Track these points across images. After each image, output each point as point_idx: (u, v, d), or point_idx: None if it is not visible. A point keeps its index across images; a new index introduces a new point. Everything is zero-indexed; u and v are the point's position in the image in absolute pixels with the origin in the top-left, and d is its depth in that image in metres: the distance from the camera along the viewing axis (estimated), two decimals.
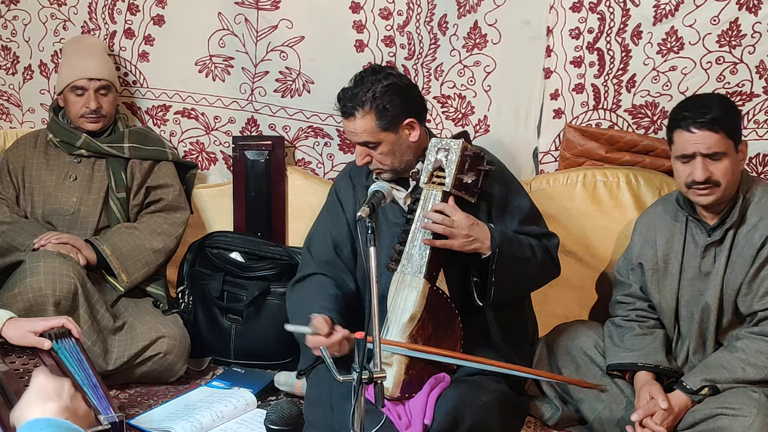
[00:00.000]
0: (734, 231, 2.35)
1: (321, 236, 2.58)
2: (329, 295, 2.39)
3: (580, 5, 2.87)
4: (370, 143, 2.40)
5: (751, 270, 2.32)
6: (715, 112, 2.26)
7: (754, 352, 2.29)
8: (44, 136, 3.11)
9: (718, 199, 2.32)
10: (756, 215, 2.34)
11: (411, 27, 3.02)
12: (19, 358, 2.25)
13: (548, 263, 2.46)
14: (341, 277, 2.49)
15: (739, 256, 2.34)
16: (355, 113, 2.37)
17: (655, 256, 2.50)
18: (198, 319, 3.05)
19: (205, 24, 3.17)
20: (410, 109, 2.41)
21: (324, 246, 2.55)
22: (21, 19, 3.32)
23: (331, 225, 2.57)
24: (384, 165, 2.42)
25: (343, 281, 2.48)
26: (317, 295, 2.40)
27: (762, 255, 2.31)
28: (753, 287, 2.33)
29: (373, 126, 2.37)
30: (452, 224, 2.26)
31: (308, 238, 2.64)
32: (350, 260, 2.52)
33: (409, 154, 2.43)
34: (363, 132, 2.38)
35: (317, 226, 2.64)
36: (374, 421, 1.91)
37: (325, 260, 2.52)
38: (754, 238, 2.32)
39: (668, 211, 2.51)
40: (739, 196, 2.34)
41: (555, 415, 2.56)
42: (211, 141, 3.34)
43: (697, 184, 2.29)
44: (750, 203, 2.35)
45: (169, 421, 2.51)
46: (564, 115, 3.01)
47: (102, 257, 2.88)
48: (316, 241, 2.59)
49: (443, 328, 2.28)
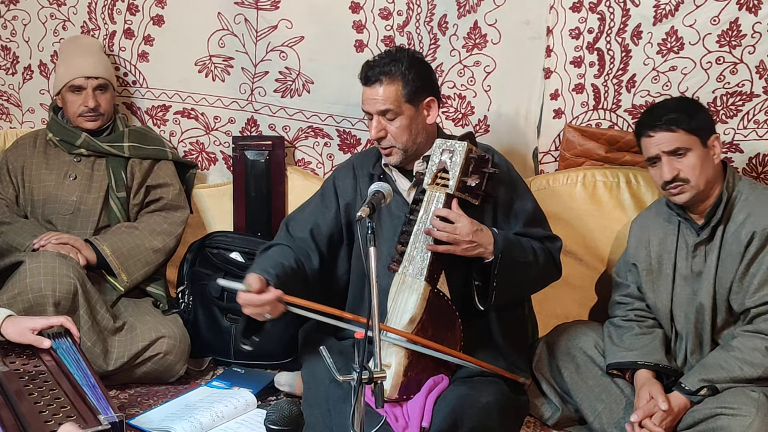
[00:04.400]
0: (722, 229, 2.37)
1: (303, 216, 2.58)
2: (279, 263, 2.38)
3: (580, 5, 2.87)
4: (390, 112, 2.38)
5: (741, 267, 2.33)
6: (670, 114, 2.34)
7: (749, 350, 2.29)
8: (44, 136, 3.11)
9: (694, 196, 2.35)
10: (743, 212, 2.36)
11: (411, 27, 3.02)
12: (18, 358, 2.25)
13: (550, 267, 2.46)
14: (308, 255, 2.48)
15: (728, 254, 2.35)
16: (382, 79, 2.37)
17: (649, 257, 2.51)
18: (198, 319, 3.05)
19: (205, 24, 3.17)
20: (432, 90, 2.45)
21: (302, 225, 2.54)
22: (21, 19, 3.32)
23: (319, 211, 2.56)
24: (398, 142, 2.41)
25: (308, 259, 2.47)
26: (269, 260, 2.40)
27: (750, 251, 2.32)
28: (743, 284, 2.34)
29: (398, 95, 2.37)
30: (455, 231, 2.25)
31: (290, 215, 2.64)
32: (324, 244, 2.51)
33: (422, 136, 2.43)
34: (387, 99, 2.37)
35: (304, 207, 2.63)
36: (372, 422, 1.91)
37: (299, 236, 2.52)
38: (741, 235, 2.33)
39: (661, 213, 2.53)
40: (723, 193, 2.37)
41: (555, 415, 2.56)
42: (211, 141, 3.34)
43: (668, 183, 2.34)
44: (736, 201, 2.38)
45: (169, 421, 2.51)
46: (564, 115, 3.01)
47: (102, 257, 2.88)
48: (297, 220, 2.59)
49: (443, 330, 2.28)
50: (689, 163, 2.33)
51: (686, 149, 2.33)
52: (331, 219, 2.53)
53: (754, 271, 2.32)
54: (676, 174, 2.33)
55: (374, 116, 2.41)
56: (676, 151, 2.33)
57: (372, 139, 2.44)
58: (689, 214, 2.43)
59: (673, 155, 2.34)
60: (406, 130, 2.40)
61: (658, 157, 2.36)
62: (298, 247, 2.48)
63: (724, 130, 2.84)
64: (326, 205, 2.56)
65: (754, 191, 2.38)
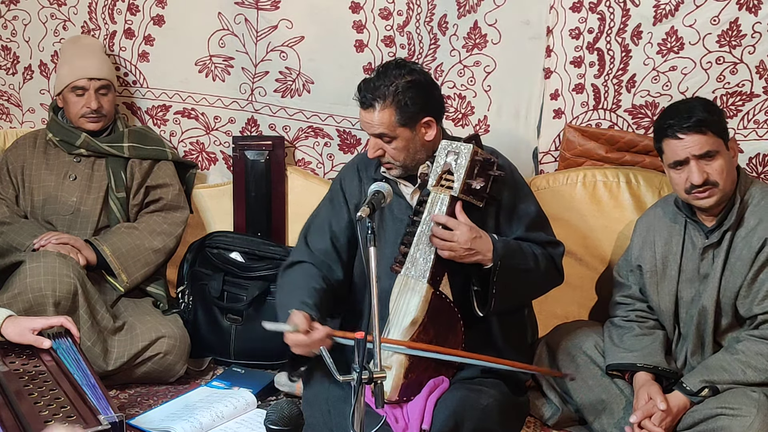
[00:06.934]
0: (732, 233, 2.34)
1: (319, 225, 2.55)
2: (312, 288, 2.34)
3: (580, 5, 2.87)
4: (386, 136, 2.36)
5: (750, 273, 2.31)
6: (699, 114, 2.26)
7: (754, 354, 2.29)
8: (44, 136, 3.11)
9: (719, 200, 2.31)
10: (754, 218, 2.33)
11: (411, 27, 3.02)
12: (18, 358, 2.25)
13: (552, 272, 2.44)
14: (330, 267, 2.45)
15: (738, 258, 2.33)
16: (374, 104, 2.33)
17: (654, 257, 2.49)
18: (198, 319, 3.05)
19: (205, 24, 3.17)
20: (430, 108, 2.39)
21: (321, 234, 2.51)
22: (21, 19, 3.32)
23: (332, 215, 2.53)
24: (396, 160, 2.39)
25: (331, 272, 2.44)
26: (301, 289, 2.37)
27: (761, 258, 2.30)
28: (752, 290, 2.32)
29: (392, 120, 2.33)
30: (452, 238, 2.23)
31: (306, 225, 2.59)
32: (345, 250, 2.49)
33: (422, 153, 2.40)
34: (380, 125, 2.34)
35: (317, 213, 2.60)
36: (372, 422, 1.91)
37: (319, 248, 2.48)
38: (753, 241, 2.31)
39: (667, 213, 2.50)
40: (736, 197, 2.33)
41: (555, 415, 2.56)
42: (211, 141, 3.34)
43: (696, 187, 2.28)
44: (748, 205, 2.34)
45: (169, 421, 2.51)
46: (564, 115, 3.01)
47: (102, 257, 2.88)
48: (314, 229, 2.55)
49: (445, 332, 2.27)
50: (718, 166, 2.27)
51: (716, 152, 2.26)
52: (345, 224, 2.50)
53: (764, 278, 2.30)
54: (705, 178, 2.26)
55: (371, 137, 2.40)
56: (707, 155, 2.26)
57: (369, 157, 2.42)
58: (699, 215, 2.39)
59: (703, 159, 2.27)
60: (403, 150, 2.37)
61: (686, 160, 2.28)
62: (320, 262, 2.45)
63: None
64: (337, 210, 2.53)
65: (765, 196, 2.35)
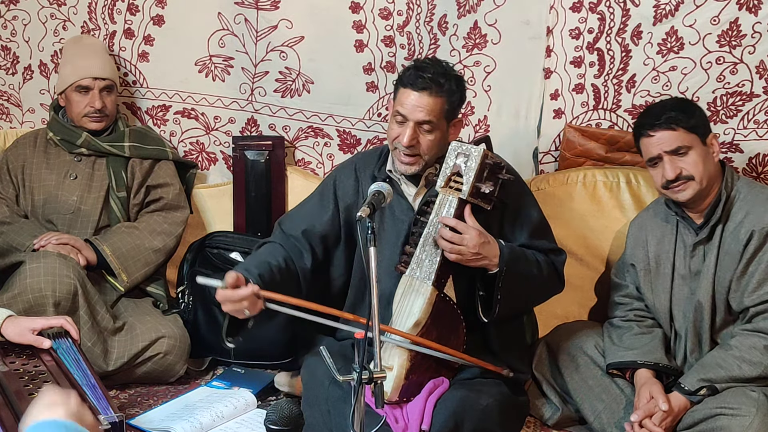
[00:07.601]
0: (721, 228, 2.37)
1: (299, 213, 2.54)
2: (265, 261, 2.32)
3: (580, 5, 2.87)
4: (429, 124, 2.29)
5: (740, 266, 2.33)
6: (668, 113, 2.34)
7: (747, 348, 2.29)
8: (44, 135, 3.11)
9: (698, 193, 2.34)
10: (741, 212, 2.36)
11: (411, 27, 3.02)
12: (18, 358, 2.25)
13: (554, 280, 2.45)
14: (300, 253, 2.43)
15: (727, 253, 2.35)
16: (430, 88, 2.27)
17: (647, 257, 2.51)
18: (198, 319, 3.05)
19: (205, 24, 3.17)
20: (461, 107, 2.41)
21: (298, 222, 2.49)
22: (21, 19, 3.32)
23: (317, 208, 2.51)
24: (426, 154, 2.33)
25: (300, 257, 2.42)
26: (255, 258, 2.37)
27: (749, 250, 2.32)
28: (742, 283, 2.34)
29: (441, 110, 2.29)
30: (461, 241, 2.22)
31: (286, 213, 2.58)
32: (318, 243, 2.45)
33: (442, 152, 2.35)
34: (431, 111, 2.28)
35: (301, 205, 2.59)
36: (372, 422, 1.91)
37: (292, 234, 2.47)
38: (740, 234, 2.33)
39: (659, 213, 2.53)
40: (722, 192, 2.37)
41: (555, 415, 2.57)
42: (211, 141, 3.34)
43: (672, 182, 2.34)
44: (735, 200, 2.38)
45: (169, 421, 2.51)
46: (564, 115, 3.01)
47: (102, 257, 2.88)
48: (292, 216, 2.55)
49: (447, 333, 2.27)
50: (691, 160, 2.33)
51: (687, 147, 2.33)
52: (327, 220, 2.48)
53: (753, 270, 2.32)
54: (678, 173, 2.33)
55: (410, 123, 2.29)
56: (678, 150, 2.33)
57: (405, 145, 2.29)
58: (688, 213, 2.43)
59: (675, 154, 2.34)
60: (437, 144, 2.33)
61: (659, 157, 2.35)
62: (291, 246, 2.44)
63: (724, 130, 2.84)
64: (324, 205, 2.51)
65: (752, 190, 2.39)
